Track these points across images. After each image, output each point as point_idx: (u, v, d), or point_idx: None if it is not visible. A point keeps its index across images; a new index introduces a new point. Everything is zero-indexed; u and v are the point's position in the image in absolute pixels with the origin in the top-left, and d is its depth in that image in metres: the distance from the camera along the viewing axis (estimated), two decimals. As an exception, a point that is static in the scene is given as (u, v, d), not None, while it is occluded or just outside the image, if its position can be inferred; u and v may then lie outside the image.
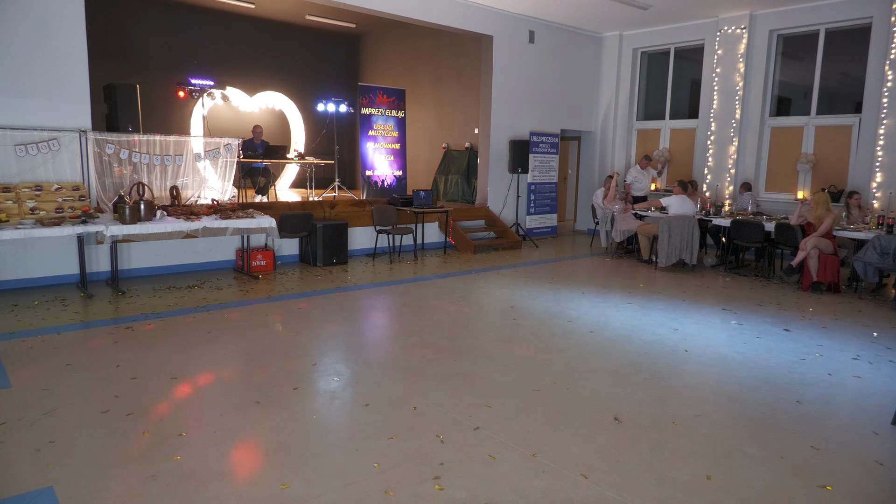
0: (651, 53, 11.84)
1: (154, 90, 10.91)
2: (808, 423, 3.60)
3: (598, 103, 12.26)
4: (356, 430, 3.36)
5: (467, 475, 2.91)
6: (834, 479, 2.97)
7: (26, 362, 4.29)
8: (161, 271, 7.29)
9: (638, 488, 2.83)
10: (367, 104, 11.10)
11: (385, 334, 5.45)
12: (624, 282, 7.64)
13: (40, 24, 6.35)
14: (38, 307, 5.75)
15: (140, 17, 12.01)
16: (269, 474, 2.88)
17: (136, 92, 7.53)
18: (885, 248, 6.67)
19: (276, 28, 13.64)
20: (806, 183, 9.69)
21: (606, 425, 3.50)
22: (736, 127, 10.22)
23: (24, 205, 6.18)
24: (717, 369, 4.54)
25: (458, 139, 12.57)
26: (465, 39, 11.62)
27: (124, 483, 2.77)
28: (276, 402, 3.70)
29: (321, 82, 14.29)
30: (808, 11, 9.35)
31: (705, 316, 6.05)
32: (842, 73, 9.65)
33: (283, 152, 10.10)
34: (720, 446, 3.28)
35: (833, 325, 5.80)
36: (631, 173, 10.65)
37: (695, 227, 8.23)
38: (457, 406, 3.71)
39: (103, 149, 6.86)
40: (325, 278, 7.37)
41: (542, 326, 5.55)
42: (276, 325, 5.40)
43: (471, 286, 7.19)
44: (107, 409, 3.55)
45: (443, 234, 9.83)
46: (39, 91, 6.39)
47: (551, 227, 11.70)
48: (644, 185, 10.43)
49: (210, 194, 7.81)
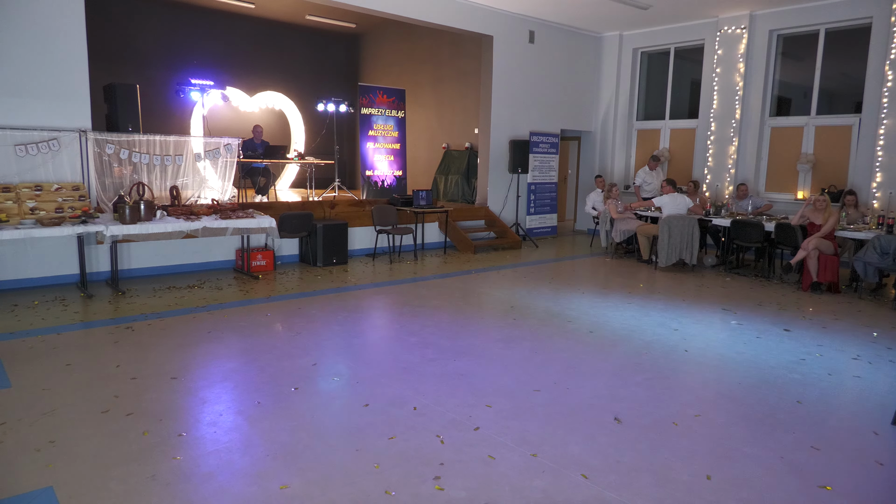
0: (651, 53, 11.84)
1: (154, 90, 10.92)
2: (808, 423, 3.60)
3: (598, 103, 12.26)
4: (356, 430, 3.36)
5: (467, 475, 2.91)
6: (834, 479, 2.97)
7: (26, 362, 4.29)
8: (161, 271, 7.29)
9: (638, 488, 2.83)
10: (367, 104, 11.10)
11: (385, 334, 5.45)
12: (624, 282, 7.64)
13: (40, 24, 6.35)
14: (38, 307, 5.75)
15: (140, 17, 12.01)
16: (269, 474, 2.88)
17: (136, 92, 7.54)
18: (885, 248, 6.67)
19: (276, 28, 13.64)
20: (806, 183, 9.69)
21: (606, 425, 3.50)
22: (736, 127, 10.22)
23: (24, 205, 6.18)
24: (717, 369, 4.55)
25: (458, 139, 12.56)
26: (465, 39, 11.62)
27: (124, 483, 2.77)
28: (276, 402, 3.70)
29: (321, 82, 14.29)
30: (808, 11, 9.35)
31: (705, 316, 6.06)
32: (842, 73, 9.65)
33: (283, 152, 10.10)
34: (720, 446, 3.28)
35: (833, 325, 5.80)
36: (640, 175, 10.60)
37: (695, 227, 8.24)
38: (457, 406, 3.71)
39: (103, 149, 6.86)
40: (325, 278, 7.37)
41: (542, 326, 5.55)
42: (276, 325, 5.40)
43: (471, 286, 7.19)
44: (107, 409, 3.55)
45: (443, 234, 9.83)
46: (39, 91, 6.39)
47: (551, 227, 11.70)
48: (654, 186, 10.37)
49: (210, 194, 7.81)
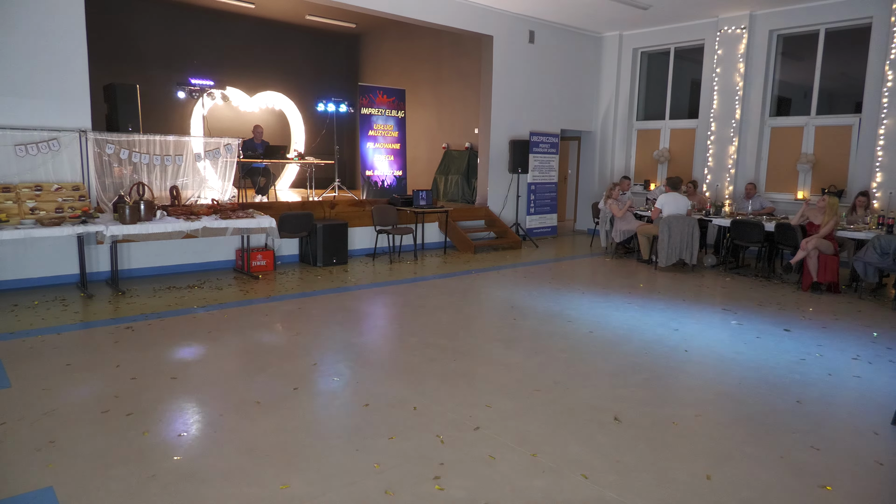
0: (651, 53, 11.84)
1: (154, 90, 10.92)
2: (808, 423, 3.60)
3: (598, 103, 12.26)
4: (356, 430, 3.36)
5: (467, 475, 2.91)
6: (834, 479, 2.97)
7: (26, 362, 4.29)
8: (161, 271, 7.29)
9: (638, 488, 2.83)
10: (367, 104, 11.10)
11: (385, 334, 5.45)
12: (624, 282, 7.64)
13: (40, 24, 6.34)
14: (38, 307, 5.75)
15: (140, 17, 12.01)
16: (269, 474, 2.87)
17: (136, 92, 7.54)
18: (885, 248, 6.67)
19: (276, 28, 13.63)
20: (806, 183, 9.69)
21: (606, 425, 3.50)
22: (736, 127, 10.22)
23: (24, 205, 6.18)
24: (717, 369, 4.55)
25: (458, 139, 12.56)
26: (465, 39, 11.62)
27: (124, 483, 2.77)
28: (276, 402, 3.70)
29: (321, 82, 14.29)
30: (807, 11, 9.35)
31: (705, 316, 6.06)
32: (842, 73, 9.65)
33: (283, 152, 10.10)
34: (720, 446, 3.28)
35: (833, 325, 5.80)
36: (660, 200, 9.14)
37: (695, 227, 8.23)
38: (457, 406, 3.71)
39: (103, 149, 6.86)
40: (325, 278, 7.37)
41: (542, 326, 5.54)
42: (276, 325, 5.40)
43: (471, 286, 7.19)
44: (107, 409, 3.55)
45: (443, 234, 9.83)
46: (39, 91, 6.39)
47: (551, 227, 11.70)
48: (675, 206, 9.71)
49: (210, 194, 7.81)
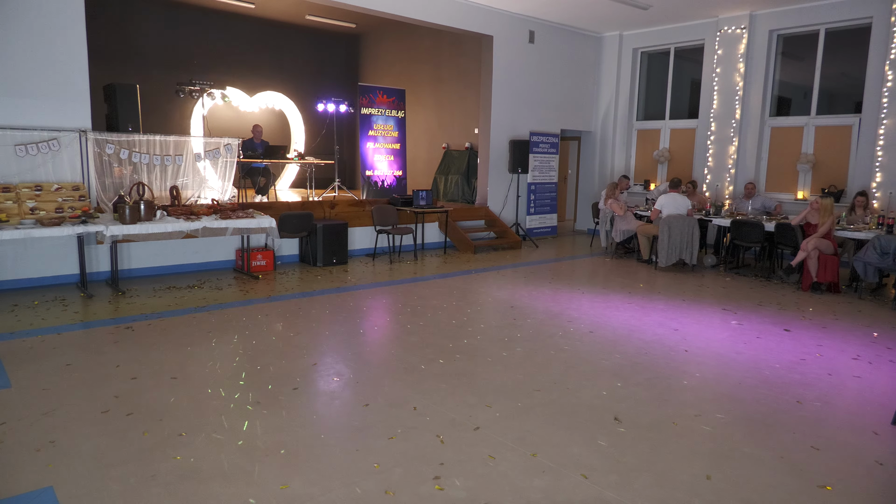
0: (651, 53, 11.84)
1: (154, 90, 10.91)
2: (808, 423, 3.60)
3: (598, 103, 12.26)
4: (356, 430, 3.36)
5: (467, 475, 2.91)
6: (834, 479, 2.97)
7: (26, 362, 4.29)
8: (161, 271, 7.29)
9: (638, 488, 2.83)
10: (367, 104, 11.10)
11: (385, 334, 5.44)
12: (624, 282, 7.64)
13: (40, 24, 6.35)
14: (38, 307, 5.75)
15: (140, 17, 12.01)
16: (269, 474, 2.88)
17: (136, 92, 7.54)
18: (885, 248, 6.67)
19: (276, 28, 13.64)
20: (806, 183, 9.69)
21: (606, 425, 3.50)
22: (736, 127, 10.22)
23: (24, 205, 6.18)
24: (717, 369, 4.55)
25: (458, 139, 12.56)
26: (465, 39, 11.62)
27: (124, 483, 2.77)
28: (276, 402, 3.69)
29: (321, 82, 14.29)
30: (808, 11, 9.35)
31: (705, 316, 6.06)
32: (842, 73, 9.65)
33: (283, 152, 10.10)
34: (720, 446, 3.28)
35: (833, 325, 5.80)
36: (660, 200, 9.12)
37: (695, 227, 8.23)
38: (457, 406, 3.71)
39: (103, 149, 6.86)
40: (325, 278, 7.37)
41: (542, 326, 5.54)
42: (276, 325, 5.40)
43: (471, 286, 7.19)
44: (107, 409, 3.55)
45: (443, 234, 9.83)
46: (39, 91, 6.39)
47: (551, 227, 11.70)
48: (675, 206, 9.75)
49: (210, 194, 7.81)
